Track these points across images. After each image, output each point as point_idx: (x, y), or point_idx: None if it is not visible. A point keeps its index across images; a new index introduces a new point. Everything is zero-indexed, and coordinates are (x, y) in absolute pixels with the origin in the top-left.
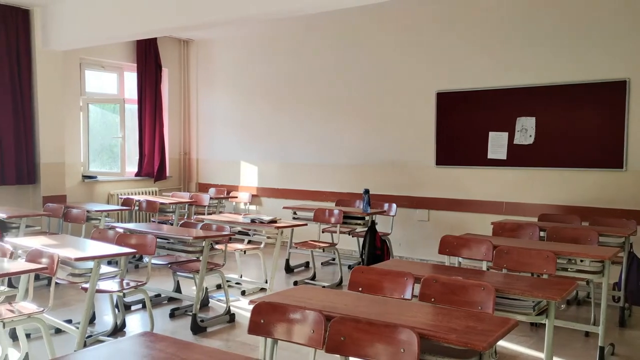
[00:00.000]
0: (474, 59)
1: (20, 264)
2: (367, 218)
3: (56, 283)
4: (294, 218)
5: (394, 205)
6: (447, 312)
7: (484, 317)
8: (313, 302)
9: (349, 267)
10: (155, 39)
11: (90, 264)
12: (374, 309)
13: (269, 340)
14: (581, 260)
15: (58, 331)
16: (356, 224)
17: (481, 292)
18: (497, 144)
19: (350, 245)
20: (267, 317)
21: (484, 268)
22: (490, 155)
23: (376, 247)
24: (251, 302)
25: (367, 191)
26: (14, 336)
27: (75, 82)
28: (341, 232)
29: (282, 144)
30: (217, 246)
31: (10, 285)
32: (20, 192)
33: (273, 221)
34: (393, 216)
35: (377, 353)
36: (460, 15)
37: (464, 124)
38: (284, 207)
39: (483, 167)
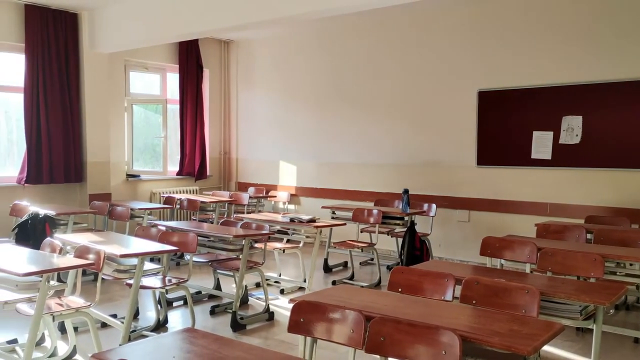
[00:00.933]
0: (517, 57)
1: (69, 260)
2: (406, 218)
3: (102, 279)
4: (332, 217)
5: (434, 206)
6: (490, 315)
7: (528, 320)
8: (353, 302)
9: (388, 267)
10: (196, 41)
11: (135, 261)
12: (414, 309)
13: (309, 339)
14: (630, 264)
15: (104, 325)
16: (395, 224)
17: (525, 295)
18: (541, 144)
19: (388, 245)
20: (307, 315)
21: (527, 270)
22: (534, 155)
23: (415, 248)
24: (291, 300)
25: (406, 191)
26: (62, 329)
27: (120, 83)
28: (380, 232)
29: (321, 143)
30: (256, 245)
31: (59, 280)
32: (68, 190)
33: (312, 220)
34: (432, 216)
35: (417, 355)
36: (502, 13)
37: (507, 123)
38: (323, 207)
39: (526, 167)
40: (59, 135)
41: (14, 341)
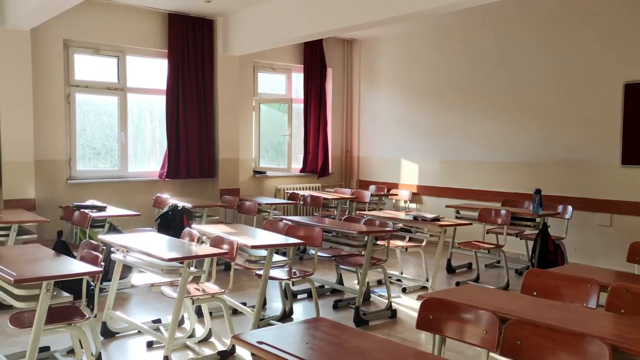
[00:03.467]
0: None
1: (206, 249)
2: (538, 220)
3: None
4: (456, 217)
5: (570, 208)
6: None
7: None
8: (484, 303)
9: (516, 271)
10: (321, 40)
11: (264, 252)
12: (553, 314)
13: (437, 337)
14: None
15: (234, 312)
16: (525, 225)
17: None
18: None
19: (517, 248)
20: (437, 313)
21: None
22: None
23: (548, 252)
24: (420, 297)
25: (538, 191)
26: (198, 313)
27: (249, 84)
28: (508, 234)
29: (444, 141)
30: (379, 242)
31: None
32: (202, 185)
33: (436, 219)
34: (568, 219)
35: None
36: None
37: None
38: (447, 206)
39: None
40: (195, 134)
41: (158, 321)
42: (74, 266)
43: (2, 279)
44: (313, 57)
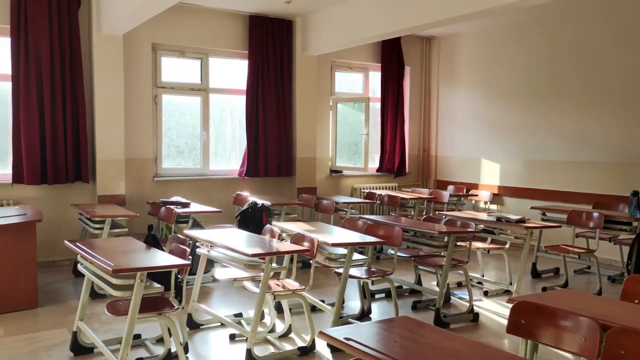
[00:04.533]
0: None
1: (287, 245)
2: (635, 224)
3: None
4: (542, 219)
5: None
6: None
7: None
8: (581, 309)
9: (609, 278)
10: (399, 38)
11: (343, 250)
12: None
13: (529, 342)
14: None
15: (312, 309)
16: (620, 229)
17: None
18: None
19: (610, 253)
20: (529, 318)
21: None
22: None
23: None
24: (510, 300)
25: (636, 193)
26: (277, 309)
27: (327, 83)
28: (600, 239)
29: (528, 140)
30: (459, 243)
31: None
32: (280, 183)
33: (521, 221)
34: None
35: None
36: None
37: None
38: (532, 207)
39: None
40: (273, 133)
41: (239, 315)
42: (165, 259)
43: (101, 269)
44: (391, 56)
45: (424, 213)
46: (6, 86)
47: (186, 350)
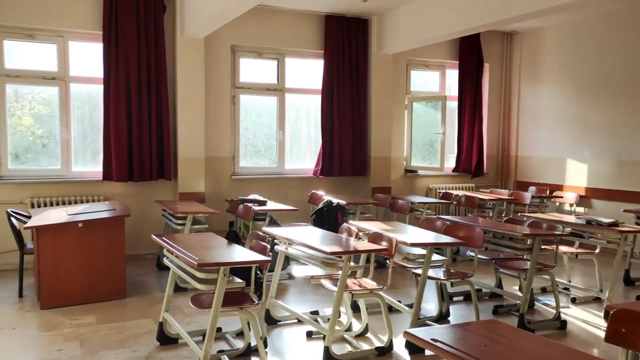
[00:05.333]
0: None
1: (365, 244)
2: None
3: (386, 265)
4: (637, 223)
5: None
6: None
7: None
8: None
9: None
10: (478, 34)
11: (421, 251)
12: None
13: (631, 352)
14: None
15: (388, 309)
16: None
17: None
18: None
19: None
20: (631, 327)
21: None
22: None
23: None
24: (609, 307)
25: None
26: (354, 307)
27: (402, 82)
28: None
29: (620, 139)
30: (544, 246)
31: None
32: (354, 183)
33: (614, 224)
34: None
35: None
36: None
37: None
38: (625, 210)
39: None
40: (348, 133)
41: (316, 312)
42: (246, 255)
43: (187, 263)
44: (469, 52)
45: (503, 215)
46: (99, 89)
47: (265, 345)
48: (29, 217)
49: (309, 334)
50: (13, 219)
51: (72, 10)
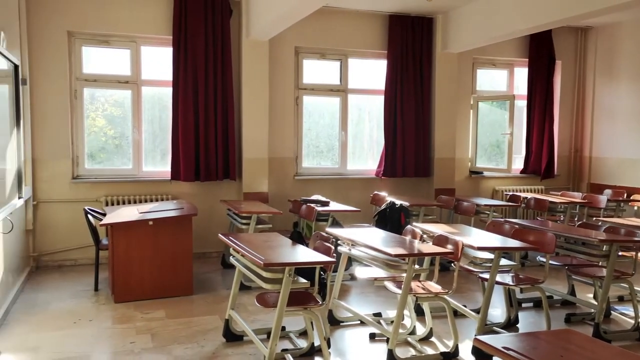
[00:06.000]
0: None
1: (430, 247)
2: None
3: (449, 268)
4: None
5: None
6: None
7: None
8: None
9: None
10: (549, 31)
11: (488, 255)
12: None
13: None
14: None
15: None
16: None
17: None
18: None
19: None
20: None
21: None
22: None
23: None
24: None
25: None
26: (417, 311)
27: (468, 81)
28: None
29: None
30: (622, 253)
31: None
32: (417, 184)
33: None
34: None
35: None
36: None
37: None
38: None
39: None
40: (411, 133)
41: (379, 314)
42: (311, 255)
43: (253, 262)
44: (540, 50)
45: (575, 219)
46: (168, 91)
47: (328, 345)
48: (104, 215)
49: (372, 336)
50: (90, 216)
51: (145, 16)
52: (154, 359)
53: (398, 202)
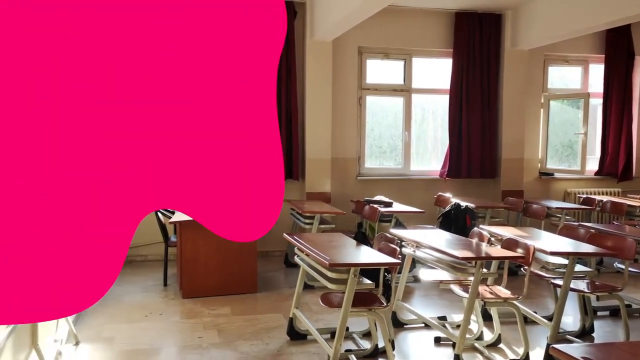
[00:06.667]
0: None
1: (499, 250)
2: None
3: (517, 273)
4: None
5: None
6: None
7: None
8: None
9: None
10: (628, 25)
11: (562, 260)
12: None
13: None
14: None
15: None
16: None
17: None
18: None
19: None
20: None
21: None
22: None
23: None
24: None
25: None
26: (484, 316)
27: (538, 79)
28: None
29: None
30: None
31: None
32: (482, 185)
33: None
34: None
35: None
36: None
37: None
38: None
39: None
40: (477, 133)
41: (444, 318)
42: (376, 256)
43: (318, 262)
44: (617, 45)
45: None
46: None
47: (392, 347)
48: (173, 213)
49: (437, 340)
50: (159, 214)
51: None
52: (221, 354)
53: (463, 203)
